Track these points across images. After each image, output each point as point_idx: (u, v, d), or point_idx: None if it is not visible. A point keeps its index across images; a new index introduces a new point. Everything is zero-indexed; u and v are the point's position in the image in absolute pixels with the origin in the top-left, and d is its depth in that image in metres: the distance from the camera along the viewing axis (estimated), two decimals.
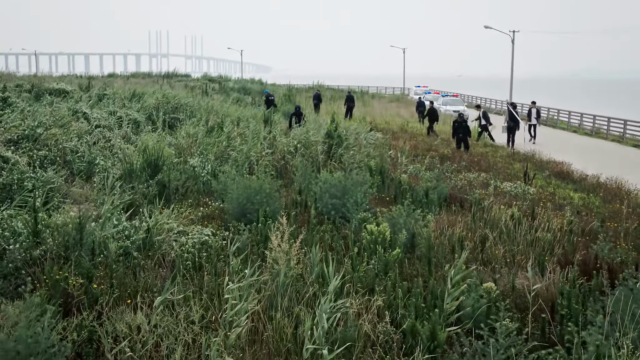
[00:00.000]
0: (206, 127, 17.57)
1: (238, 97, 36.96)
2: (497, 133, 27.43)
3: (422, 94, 54.62)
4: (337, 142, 15.30)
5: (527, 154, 22.62)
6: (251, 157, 13.89)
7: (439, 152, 19.11)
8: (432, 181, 13.21)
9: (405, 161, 15.00)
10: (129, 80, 45.84)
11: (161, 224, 8.32)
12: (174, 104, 22.67)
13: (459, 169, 16.02)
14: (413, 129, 29.83)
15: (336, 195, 9.87)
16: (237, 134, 15.48)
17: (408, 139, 23.49)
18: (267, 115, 22.02)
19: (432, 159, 17.43)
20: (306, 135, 15.84)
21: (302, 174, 12.02)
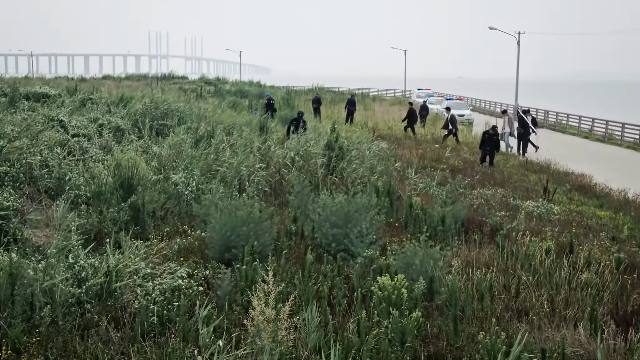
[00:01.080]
0: (195, 136, 16.05)
1: (234, 100, 35.42)
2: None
3: (425, 97, 53.09)
4: (338, 154, 13.80)
5: (541, 163, 21.12)
6: (242, 172, 12.37)
7: (449, 163, 17.59)
8: (446, 200, 11.70)
9: (414, 176, 13.48)
10: (121, 82, 44.30)
11: (124, 266, 6.80)
12: (163, 109, 21.14)
13: (472, 184, 14.51)
14: (418, 135, 28.30)
15: (337, 224, 8.35)
16: (228, 145, 13.94)
17: (414, 147, 21.97)
18: (263, 121, 20.48)
19: (442, 171, 15.92)
20: (304, 146, 14.32)
21: (298, 194, 10.50)
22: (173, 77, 65.80)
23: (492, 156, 18.94)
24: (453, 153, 21.64)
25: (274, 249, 8.11)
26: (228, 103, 33.63)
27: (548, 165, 20.20)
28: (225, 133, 17.09)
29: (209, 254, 7.93)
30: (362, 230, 8.01)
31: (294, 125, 19.32)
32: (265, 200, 12.04)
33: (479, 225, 10.48)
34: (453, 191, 13.16)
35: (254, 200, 8.79)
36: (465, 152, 23.22)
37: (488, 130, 19.37)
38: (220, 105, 31.78)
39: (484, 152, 19.07)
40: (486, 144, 18.94)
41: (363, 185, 12.94)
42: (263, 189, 12.48)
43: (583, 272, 7.55)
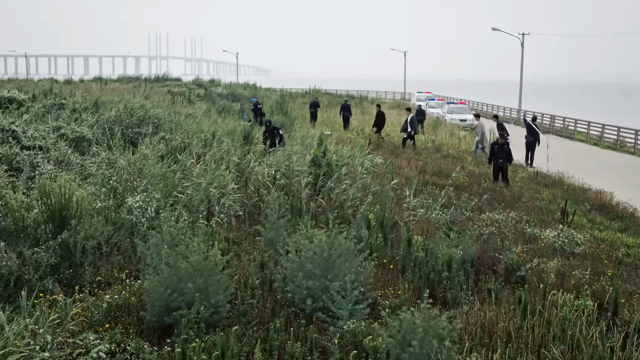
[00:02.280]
0: (167, 148, 14.22)
1: (225, 104, 33.59)
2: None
3: (425, 100, 51.24)
4: (326, 172, 11.96)
5: (552, 175, 19.29)
6: (211, 194, 10.53)
7: (452, 176, 15.76)
8: (451, 229, 9.86)
9: (413, 201, 11.62)
10: (108, 85, 42.43)
11: (20, 337, 4.98)
12: (139, 115, 19.33)
13: (479, 205, 12.66)
14: (417, 143, 26.47)
15: (314, 274, 6.52)
16: (197, 161, 12.09)
17: (414, 158, 20.13)
18: (247, 130, 18.64)
19: (445, 189, 14.09)
20: (287, 161, 12.49)
21: (273, 225, 8.66)
22: (167, 78, 64.06)
23: (504, 170, 16.69)
24: (457, 164, 19.81)
25: (231, 309, 6.28)
26: (217, 108, 31.83)
27: (561, 179, 18.37)
28: (203, 144, 15.26)
29: (146, 316, 6.09)
30: (347, 284, 6.17)
31: (266, 138, 16.39)
32: (238, 229, 10.22)
33: (491, 265, 8.65)
34: (458, 216, 11.33)
35: (207, 245, 6.90)
36: (469, 162, 21.39)
37: (497, 141, 17.26)
38: (208, 110, 29.98)
39: (496, 166, 16.79)
40: (497, 155, 16.80)
41: (354, 209, 11.11)
42: (236, 213, 10.65)
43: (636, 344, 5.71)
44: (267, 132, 16.81)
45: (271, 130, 16.73)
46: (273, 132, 16.65)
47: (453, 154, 23.26)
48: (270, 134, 16.55)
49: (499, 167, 16.62)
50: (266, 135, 16.56)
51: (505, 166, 16.54)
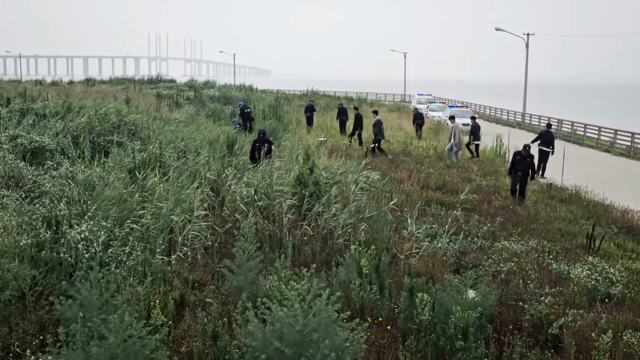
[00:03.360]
0: (134, 162, 12.45)
1: (215, 108, 31.80)
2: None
3: (425, 103, 49.45)
4: (314, 192, 10.19)
5: (567, 188, 17.53)
6: (173, 223, 8.76)
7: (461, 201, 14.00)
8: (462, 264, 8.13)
9: (416, 229, 9.83)
10: (94, 87, 40.65)
11: None
12: (114, 121, 17.59)
13: (492, 230, 10.89)
14: (418, 150, 24.72)
15: (284, 355, 4.75)
16: (165, 177, 10.30)
17: (415, 170, 18.37)
18: (232, 138, 16.87)
19: (452, 208, 12.33)
20: (269, 179, 10.71)
21: (241, 270, 6.88)
22: (160, 80, 62.46)
23: (523, 185, 14.87)
24: (463, 176, 18.03)
25: None
26: (207, 111, 30.06)
27: (577, 193, 16.59)
28: (177, 156, 13.49)
29: None
30: None
31: (257, 149, 14.45)
32: (204, 265, 8.45)
33: (514, 319, 6.89)
34: (469, 246, 9.57)
35: (142, 307, 5.12)
36: (476, 173, 19.63)
37: (520, 151, 15.25)
38: (196, 114, 28.22)
39: (515, 179, 14.97)
40: (517, 167, 14.93)
41: (345, 237, 9.35)
42: (204, 245, 8.88)
43: None
44: (259, 143, 14.68)
45: (263, 142, 14.67)
46: (263, 144, 14.59)
47: (458, 163, 21.50)
48: (261, 145, 14.52)
49: (517, 180, 14.84)
50: (256, 146, 14.51)
51: (524, 181, 14.76)
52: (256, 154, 14.15)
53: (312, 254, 8.87)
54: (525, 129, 41.08)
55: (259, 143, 14.60)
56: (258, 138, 14.92)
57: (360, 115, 25.94)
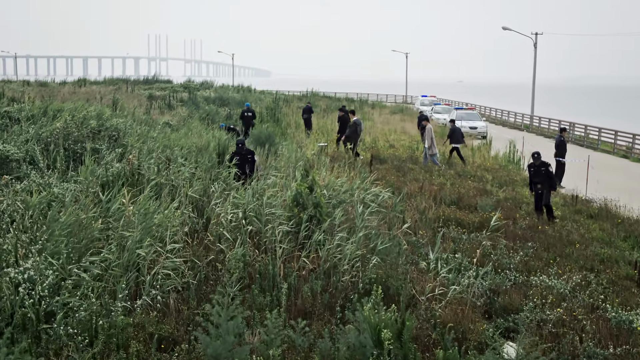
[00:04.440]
0: (108, 175, 10.79)
1: (210, 110, 30.12)
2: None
3: (429, 105, 47.75)
4: (314, 215, 8.52)
5: (592, 200, 15.89)
6: (140, 258, 7.09)
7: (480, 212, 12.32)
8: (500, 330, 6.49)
9: (433, 259, 8.14)
10: (84, 87, 38.96)
11: None
12: (93, 127, 15.94)
13: (525, 260, 9.22)
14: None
15: None
16: (133, 198, 8.60)
17: (425, 180, 16.71)
18: (223, 146, 15.19)
19: (473, 230, 10.68)
20: (261, 198, 9.04)
21: (217, 334, 5.21)
22: (156, 80, 60.82)
23: (546, 199, 13.07)
24: (478, 187, 16.35)
25: None
26: (201, 114, 28.39)
27: (607, 206, 14.93)
28: (159, 166, 11.80)
29: None
30: None
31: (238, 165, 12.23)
32: (178, 312, 6.79)
33: None
34: (502, 283, 7.91)
35: None
36: (490, 182, 17.96)
37: (532, 162, 13.49)
38: (189, 117, 26.56)
39: (537, 195, 13.27)
40: (534, 180, 13.25)
41: (353, 274, 7.69)
42: (178, 285, 7.22)
43: None
44: (238, 156, 12.54)
45: (243, 154, 12.60)
46: (246, 156, 12.56)
47: (470, 172, 19.85)
48: (242, 158, 12.47)
49: (539, 195, 13.12)
50: (236, 159, 12.35)
51: (547, 196, 12.99)
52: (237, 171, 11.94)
53: (311, 295, 7.22)
54: (534, 132, 39.41)
55: (239, 156, 12.48)
56: (237, 150, 12.68)
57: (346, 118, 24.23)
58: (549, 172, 13.20)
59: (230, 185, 10.77)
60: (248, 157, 12.50)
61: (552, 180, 13.12)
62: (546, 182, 13.00)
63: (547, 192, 12.99)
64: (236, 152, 12.72)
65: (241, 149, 12.63)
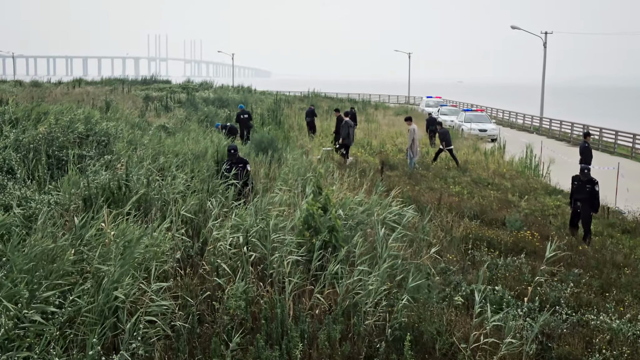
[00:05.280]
0: (90, 190, 9.46)
1: (209, 111, 28.81)
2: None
3: (435, 106, 46.37)
4: (329, 241, 7.21)
5: (624, 212, 14.59)
6: (118, 301, 5.77)
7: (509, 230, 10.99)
8: None
9: (469, 292, 6.82)
10: (78, 88, 37.61)
11: None
12: (81, 131, 14.64)
13: (576, 292, 7.90)
14: (439, 161, 21.73)
15: None
16: (112, 221, 7.26)
17: (442, 189, 15.41)
18: (223, 152, 13.86)
19: (510, 254, 9.36)
20: (265, 219, 7.71)
21: None
22: (154, 80, 59.63)
23: (585, 219, 11.64)
24: (499, 197, 15.03)
25: None
26: (199, 116, 27.06)
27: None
28: (148, 178, 10.46)
29: None
30: None
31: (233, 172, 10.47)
32: None
33: None
34: (557, 326, 6.59)
35: None
36: (510, 190, 16.65)
37: (577, 176, 11.96)
38: (186, 119, 25.24)
39: (575, 211, 11.87)
40: (575, 196, 11.79)
41: (377, 317, 6.37)
42: (165, 333, 5.90)
43: None
44: (231, 164, 10.87)
45: (235, 162, 10.92)
46: (237, 165, 10.79)
47: (486, 179, 18.55)
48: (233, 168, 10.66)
49: (577, 211, 11.72)
50: (227, 169, 10.67)
51: (586, 213, 11.57)
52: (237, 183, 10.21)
53: (329, 345, 5.91)
54: (545, 135, 38.06)
55: (231, 164, 10.80)
56: (229, 157, 11.02)
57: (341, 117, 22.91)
58: (594, 191, 11.59)
59: (230, 201, 9.44)
60: (239, 166, 10.75)
61: (595, 200, 11.58)
62: (588, 201, 11.55)
63: (587, 212, 11.55)
64: (228, 159, 11.13)
65: (232, 155, 10.92)
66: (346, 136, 19.96)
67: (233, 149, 11.04)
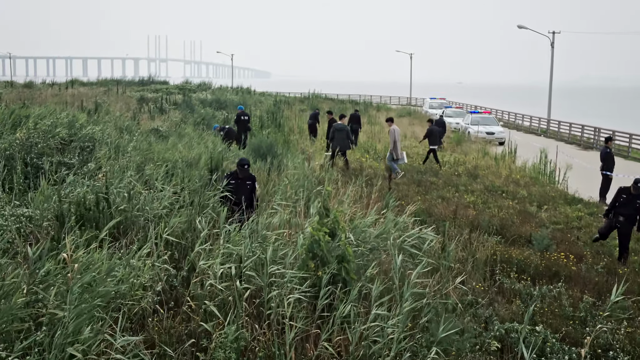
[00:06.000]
0: (62, 206, 8.27)
1: (206, 114, 27.62)
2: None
3: (439, 108, 45.15)
4: (340, 273, 6.01)
5: None
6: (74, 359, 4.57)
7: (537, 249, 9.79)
8: None
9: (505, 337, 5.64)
10: (69, 89, 36.37)
11: None
12: (63, 136, 13.49)
13: (630, 332, 6.70)
14: (444, 166, 20.54)
15: None
16: (85, 253, 6.05)
17: (455, 199, 14.22)
18: (217, 159, 12.68)
19: (544, 281, 8.17)
20: (262, 246, 6.52)
21: None
22: (152, 81, 58.46)
23: (625, 237, 10.26)
24: (517, 207, 13.82)
25: None
26: (196, 118, 25.87)
27: None
28: (129, 192, 9.25)
29: None
30: None
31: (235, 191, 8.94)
32: None
33: None
34: None
35: None
36: (527, 199, 15.46)
37: (626, 188, 10.38)
38: (182, 122, 24.05)
39: (611, 224, 10.45)
40: (618, 210, 10.34)
41: None
42: None
43: None
44: (234, 180, 9.04)
45: (242, 180, 9.06)
46: (244, 182, 9.04)
47: (500, 186, 17.35)
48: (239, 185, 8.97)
49: (615, 227, 10.41)
50: (231, 187, 8.91)
51: (626, 230, 10.29)
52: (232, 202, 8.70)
53: None
54: (553, 138, 36.85)
55: (236, 181, 8.99)
56: (235, 172, 9.16)
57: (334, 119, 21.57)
58: None
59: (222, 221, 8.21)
60: (247, 183, 9.07)
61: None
62: (633, 217, 10.26)
63: (629, 229, 10.25)
64: (232, 174, 9.22)
65: (244, 171, 9.09)
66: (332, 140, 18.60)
67: (246, 163, 9.15)
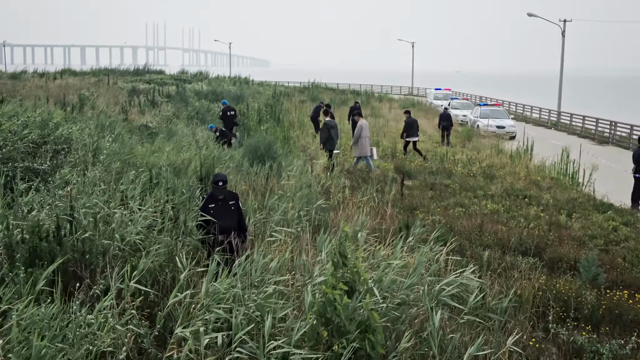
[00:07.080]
0: (13, 236, 6.70)
1: (201, 107, 25.96)
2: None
3: (444, 99, 43.40)
4: (364, 347, 4.48)
5: None
6: None
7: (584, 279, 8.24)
8: None
9: None
10: (57, 80, 34.63)
11: None
12: (34, 138, 11.90)
13: None
14: (456, 165, 18.93)
15: None
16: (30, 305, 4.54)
17: (478, 210, 12.65)
18: (209, 165, 11.09)
19: (608, 328, 6.64)
20: (257, 294, 4.99)
21: None
22: (148, 70, 56.63)
23: None
24: (547, 218, 12.25)
25: None
26: (189, 112, 24.24)
27: None
28: (95, 217, 7.64)
29: None
30: None
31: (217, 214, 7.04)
32: None
33: None
34: None
35: None
36: (553, 207, 13.89)
37: None
38: (174, 116, 22.44)
39: None
40: None
41: None
42: None
43: None
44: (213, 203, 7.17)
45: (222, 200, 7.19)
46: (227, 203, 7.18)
47: (520, 189, 15.74)
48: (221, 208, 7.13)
49: None
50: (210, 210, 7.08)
51: None
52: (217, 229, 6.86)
53: None
54: (565, 131, 35.26)
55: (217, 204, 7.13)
56: (214, 191, 7.17)
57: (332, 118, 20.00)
58: None
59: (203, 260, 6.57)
60: (230, 204, 7.20)
61: None
62: None
63: None
64: (212, 194, 7.26)
65: (220, 189, 7.14)
66: (326, 140, 16.91)
67: (221, 179, 7.23)
